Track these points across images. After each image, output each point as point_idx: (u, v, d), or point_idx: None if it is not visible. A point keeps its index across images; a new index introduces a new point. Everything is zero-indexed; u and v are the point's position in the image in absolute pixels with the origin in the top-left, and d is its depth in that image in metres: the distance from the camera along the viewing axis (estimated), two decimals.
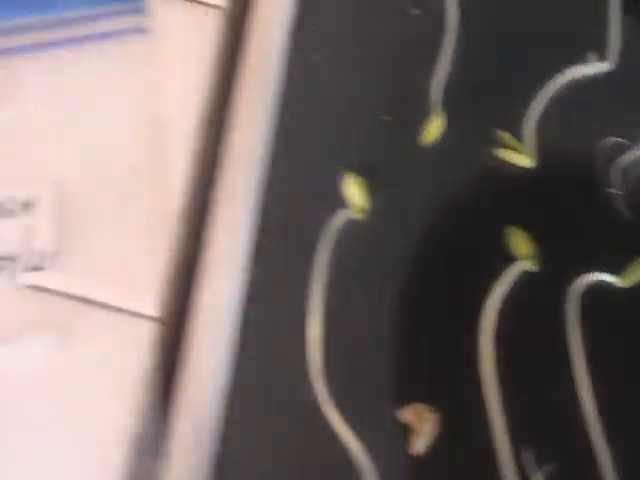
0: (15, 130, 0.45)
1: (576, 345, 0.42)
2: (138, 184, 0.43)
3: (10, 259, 0.42)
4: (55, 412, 0.40)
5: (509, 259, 0.44)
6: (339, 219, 0.44)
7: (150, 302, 0.41)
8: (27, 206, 0.43)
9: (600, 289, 0.43)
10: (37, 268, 0.42)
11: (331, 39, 0.50)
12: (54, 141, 0.45)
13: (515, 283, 0.43)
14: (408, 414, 0.41)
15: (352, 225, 0.45)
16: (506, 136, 0.47)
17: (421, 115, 0.48)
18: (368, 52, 0.50)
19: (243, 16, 0.49)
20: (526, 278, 0.44)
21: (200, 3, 0.48)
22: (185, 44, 0.47)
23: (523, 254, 0.44)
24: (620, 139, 0.46)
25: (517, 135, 0.47)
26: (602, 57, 0.48)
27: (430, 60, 0.49)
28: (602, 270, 0.43)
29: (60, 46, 0.46)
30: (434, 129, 0.47)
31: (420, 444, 0.40)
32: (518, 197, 0.46)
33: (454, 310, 0.43)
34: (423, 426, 0.40)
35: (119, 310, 0.41)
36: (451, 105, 0.48)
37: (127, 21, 0.47)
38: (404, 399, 0.41)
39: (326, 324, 0.43)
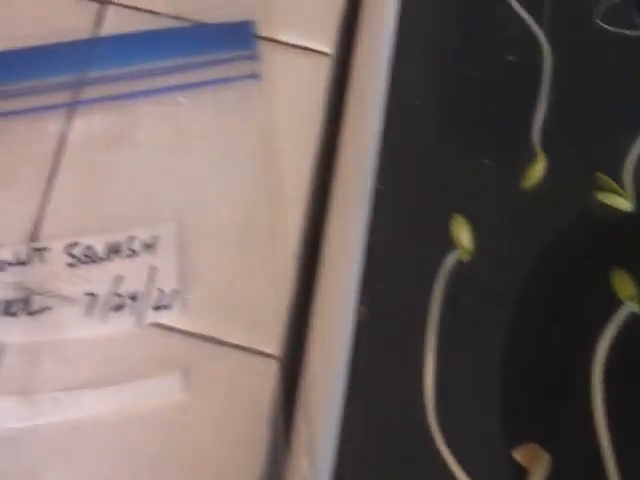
0: (133, 171, 0.47)
1: None
2: (256, 223, 0.45)
3: (134, 298, 0.43)
4: (178, 449, 0.41)
5: (612, 300, 0.44)
6: (449, 261, 0.45)
7: (270, 340, 0.43)
8: (148, 246, 0.44)
9: None
10: (160, 307, 0.43)
11: (429, 84, 0.51)
12: (172, 182, 0.46)
13: (621, 324, 0.43)
14: (521, 454, 0.41)
15: (459, 266, 0.46)
16: (606, 179, 0.47)
17: (521, 158, 0.49)
18: (465, 97, 0.51)
19: (348, 62, 0.50)
20: (632, 319, 0.44)
21: (309, 50, 0.49)
22: (295, 89, 0.49)
23: (628, 296, 0.44)
24: None
25: (617, 178, 0.48)
26: None
27: (527, 105, 0.50)
28: None
29: (177, 91, 0.48)
30: (535, 172, 0.48)
31: None
32: (619, 239, 0.47)
33: (561, 351, 0.44)
34: (536, 467, 0.41)
35: (240, 348, 0.42)
36: (551, 149, 0.49)
37: (240, 67, 0.48)
38: (517, 439, 0.42)
39: (438, 363, 0.43)
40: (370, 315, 0.44)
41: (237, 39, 0.50)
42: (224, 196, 0.46)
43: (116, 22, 0.51)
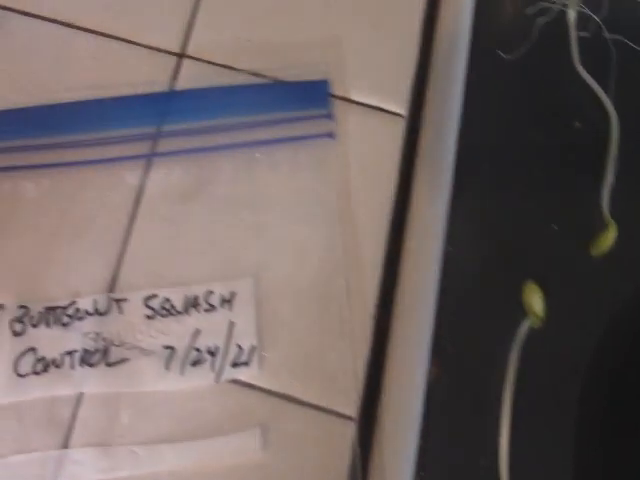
0: (211, 225, 0.48)
1: None
2: (333, 281, 0.45)
3: (212, 353, 0.43)
4: None
5: None
6: (522, 327, 0.45)
7: (348, 401, 0.43)
8: (226, 301, 0.45)
9: None
10: (238, 364, 0.43)
11: (497, 148, 0.52)
12: (249, 238, 0.47)
13: None
14: None
15: (531, 332, 0.46)
16: None
17: (590, 225, 0.49)
18: (533, 162, 0.52)
19: (420, 123, 0.51)
20: None
21: (383, 111, 0.50)
22: (370, 149, 0.49)
23: None
24: None
25: None
26: None
27: (596, 171, 0.51)
28: None
29: (254, 147, 0.49)
30: (606, 241, 0.48)
31: None
32: None
33: (635, 418, 0.44)
34: None
35: (318, 408, 0.43)
36: (620, 217, 0.49)
37: (316, 126, 0.49)
38: None
39: (512, 429, 0.43)
40: (442, 377, 0.44)
41: (313, 97, 0.51)
42: (301, 253, 0.46)
43: (193, 75, 0.52)
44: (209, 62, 0.52)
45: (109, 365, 0.43)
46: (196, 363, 0.43)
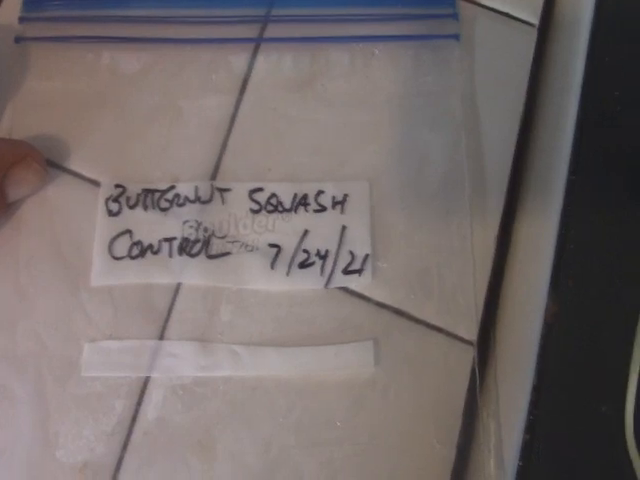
0: (321, 120, 0.45)
1: None
2: (454, 193, 0.42)
3: (322, 257, 0.40)
4: (363, 425, 0.40)
5: None
6: None
7: (468, 326, 0.40)
8: (337, 203, 0.42)
9: None
10: (351, 271, 0.40)
11: (631, 73, 0.48)
12: (362, 138, 0.44)
13: None
14: None
15: None
16: None
17: None
18: None
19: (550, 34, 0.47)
20: None
21: (513, 18, 0.46)
22: (499, 57, 0.46)
23: None
24: None
25: None
26: None
27: None
28: None
29: (371, 42, 0.46)
30: None
31: None
32: None
33: None
34: None
35: (435, 328, 0.40)
36: None
37: (439, 26, 0.46)
38: None
39: None
40: (561, 315, 0.41)
41: None
42: (420, 160, 0.43)
43: None
44: None
45: (210, 257, 0.40)
46: (304, 265, 0.40)
